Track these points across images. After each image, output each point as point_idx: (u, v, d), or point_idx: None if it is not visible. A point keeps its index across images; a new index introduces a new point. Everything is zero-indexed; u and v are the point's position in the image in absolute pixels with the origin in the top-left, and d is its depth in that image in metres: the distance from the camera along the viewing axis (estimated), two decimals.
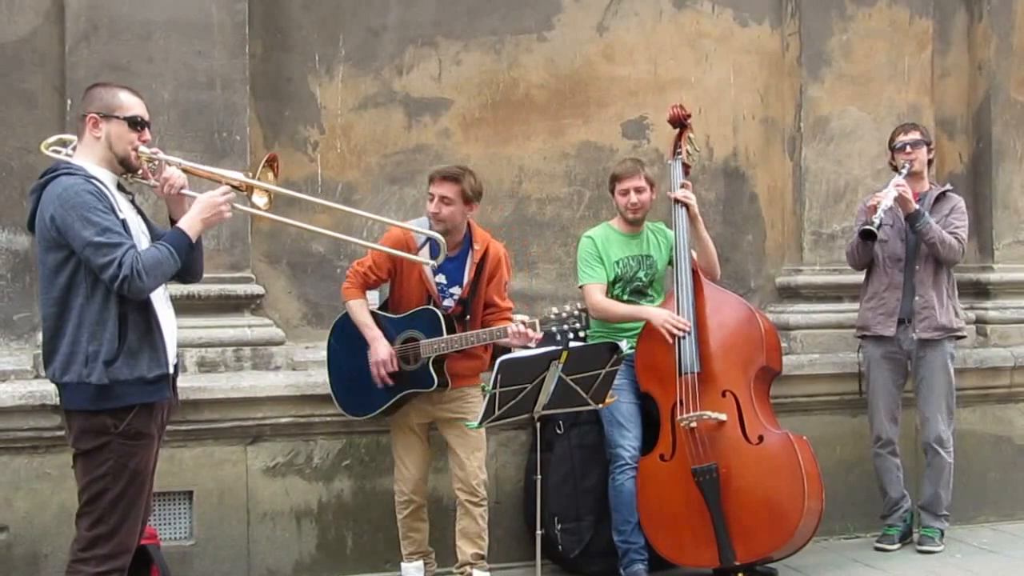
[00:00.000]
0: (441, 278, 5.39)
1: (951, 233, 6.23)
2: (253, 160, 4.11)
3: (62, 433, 5.20)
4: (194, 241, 4.17)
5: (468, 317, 5.40)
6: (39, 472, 5.37)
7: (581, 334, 5.26)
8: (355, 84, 6.17)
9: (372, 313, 5.46)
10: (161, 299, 4.20)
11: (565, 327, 5.12)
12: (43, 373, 5.34)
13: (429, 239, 5.21)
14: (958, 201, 6.39)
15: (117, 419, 4.03)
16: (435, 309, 5.33)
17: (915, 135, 6.34)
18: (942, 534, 6.37)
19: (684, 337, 5.68)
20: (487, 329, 5.31)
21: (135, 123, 4.18)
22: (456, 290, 5.42)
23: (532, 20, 6.47)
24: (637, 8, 6.64)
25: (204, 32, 5.67)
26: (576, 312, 5.16)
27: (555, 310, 5.18)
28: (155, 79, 5.55)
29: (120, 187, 4.30)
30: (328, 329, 5.72)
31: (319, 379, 5.70)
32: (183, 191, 4.24)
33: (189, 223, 4.16)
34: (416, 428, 5.50)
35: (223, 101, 5.70)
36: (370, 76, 6.20)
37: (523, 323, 5.19)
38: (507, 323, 5.32)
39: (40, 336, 5.48)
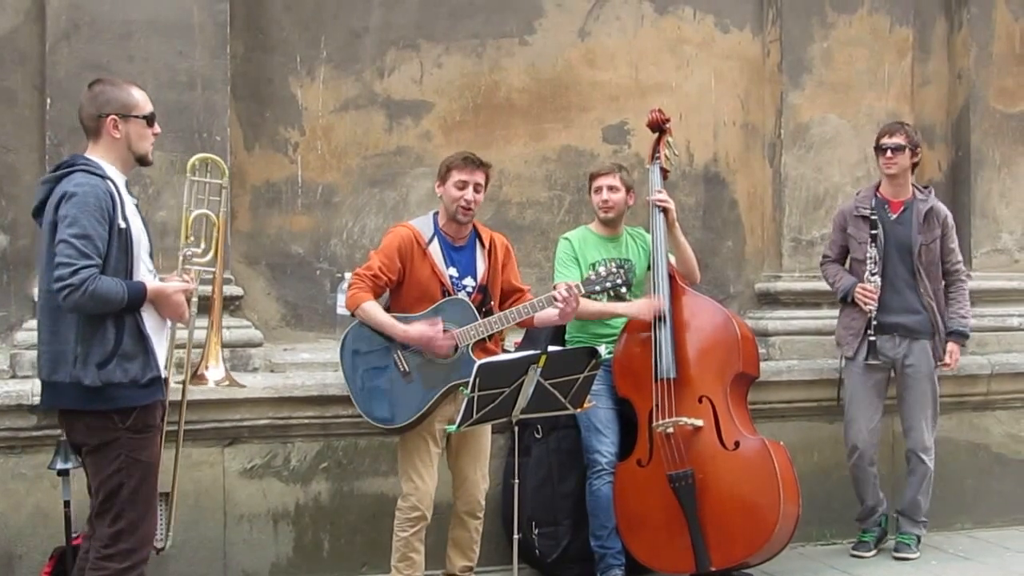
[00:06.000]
0: (453, 271, 5.26)
1: (954, 266, 6.35)
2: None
3: (38, 433, 5.23)
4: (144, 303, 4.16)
5: (490, 304, 5.32)
6: (14, 472, 5.33)
7: (623, 290, 5.46)
8: (336, 86, 6.16)
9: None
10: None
11: (608, 284, 5.24)
12: (19, 372, 5.35)
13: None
14: (946, 215, 6.35)
15: (124, 415, 4.08)
16: (462, 298, 5.22)
17: (898, 139, 6.25)
18: (919, 540, 6.38)
19: (661, 336, 5.69)
20: (529, 302, 5.22)
21: (151, 120, 4.33)
22: (469, 281, 5.30)
23: (514, 24, 6.47)
24: (619, 13, 6.65)
25: (185, 32, 5.66)
26: (614, 269, 5.27)
27: (600, 270, 5.31)
28: (135, 79, 5.41)
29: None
30: (307, 330, 5.68)
31: (297, 381, 5.69)
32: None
33: (152, 291, 4.17)
34: (437, 434, 5.22)
35: (204, 101, 5.68)
36: (351, 78, 6.19)
37: (567, 287, 5.16)
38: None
39: (18, 336, 5.49)
